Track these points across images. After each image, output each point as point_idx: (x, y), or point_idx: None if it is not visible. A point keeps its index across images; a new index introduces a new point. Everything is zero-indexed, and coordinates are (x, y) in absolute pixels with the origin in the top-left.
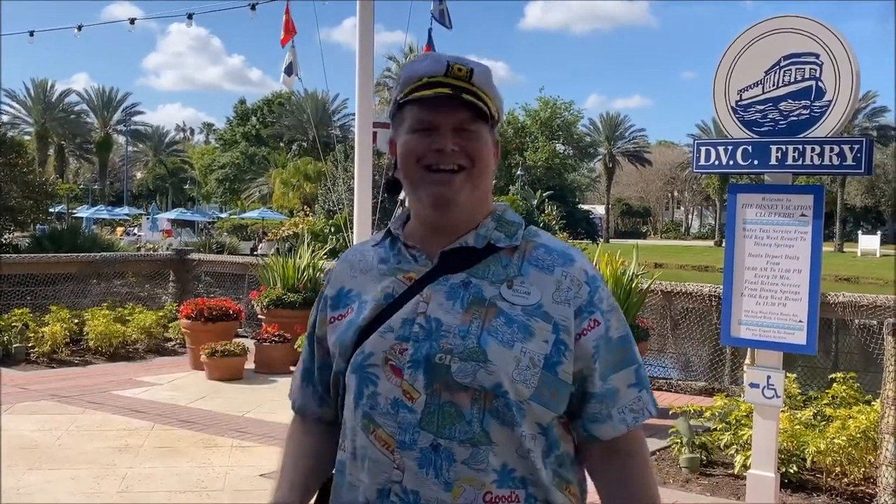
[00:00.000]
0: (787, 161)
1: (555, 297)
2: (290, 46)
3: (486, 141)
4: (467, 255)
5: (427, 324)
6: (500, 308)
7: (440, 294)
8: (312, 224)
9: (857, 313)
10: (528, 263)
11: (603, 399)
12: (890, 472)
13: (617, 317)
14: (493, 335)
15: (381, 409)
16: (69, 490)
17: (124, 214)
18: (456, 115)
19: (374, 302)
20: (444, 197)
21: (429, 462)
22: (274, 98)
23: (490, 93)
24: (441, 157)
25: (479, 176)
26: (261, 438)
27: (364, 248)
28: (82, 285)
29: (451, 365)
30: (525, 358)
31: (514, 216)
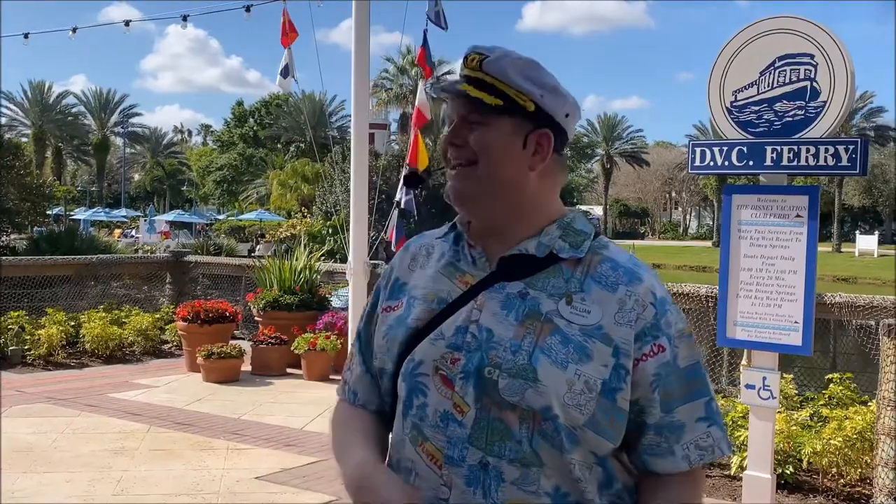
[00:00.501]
0: (783, 162)
1: (617, 319)
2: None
3: (497, 131)
4: (527, 263)
5: (479, 333)
6: (557, 325)
7: (494, 302)
8: (310, 225)
9: (854, 314)
10: (591, 279)
11: (663, 432)
12: (886, 472)
13: (688, 344)
14: (547, 353)
15: (430, 422)
16: (65, 493)
17: (122, 216)
18: (458, 105)
19: (426, 303)
20: (456, 191)
21: (477, 480)
22: (271, 100)
23: (509, 80)
24: (453, 151)
25: (489, 169)
26: (257, 441)
27: (427, 240)
28: (79, 288)
29: (499, 381)
30: (580, 381)
31: (585, 224)
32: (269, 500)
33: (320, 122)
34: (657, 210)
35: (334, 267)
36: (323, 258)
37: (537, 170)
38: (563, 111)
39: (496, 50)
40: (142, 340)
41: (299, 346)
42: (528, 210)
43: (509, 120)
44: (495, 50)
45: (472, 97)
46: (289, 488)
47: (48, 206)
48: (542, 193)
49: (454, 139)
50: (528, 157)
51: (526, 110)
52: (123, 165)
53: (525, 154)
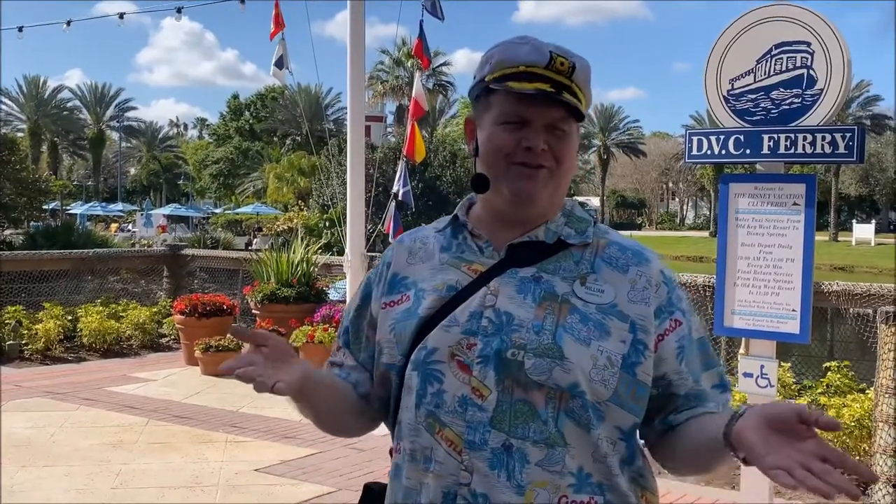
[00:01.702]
0: (780, 150)
1: (630, 297)
2: (280, 39)
3: (575, 141)
4: (536, 250)
5: (497, 318)
6: (574, 305)
7: (510, 287)
8: (307, 219)
9: (851, 302)
10: (601, 261)
11: (691, 401)
12: (885, 460)
13: (695, 317)
14: (570, 332)
15: (448, 408)
16: (63, 487)
17: (118, 211)
18: (551, 112)
19: (436, 293)
20: (527, 192)
21: (500, 463)
22: (267, 93)
23: (587, 91)
24: (530, 156)
25: (564, 175)
26: (255, 433)
27: (424, 234)
28: (76, 282)
29: (525, 361)
30: (602, 357)
31: (583, 213)
32: (268, 491)
33: (316, 115)
34: (654, 201)
35: (331, 260)
36: (320, 251)
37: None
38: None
39: (579, 57)
40: (139, 334)
41: (297, 338)
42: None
43: (576, 126)
44: (578, 58)
45: (565, 103)
46: (287, 480)
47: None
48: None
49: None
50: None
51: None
52: (119, 160)
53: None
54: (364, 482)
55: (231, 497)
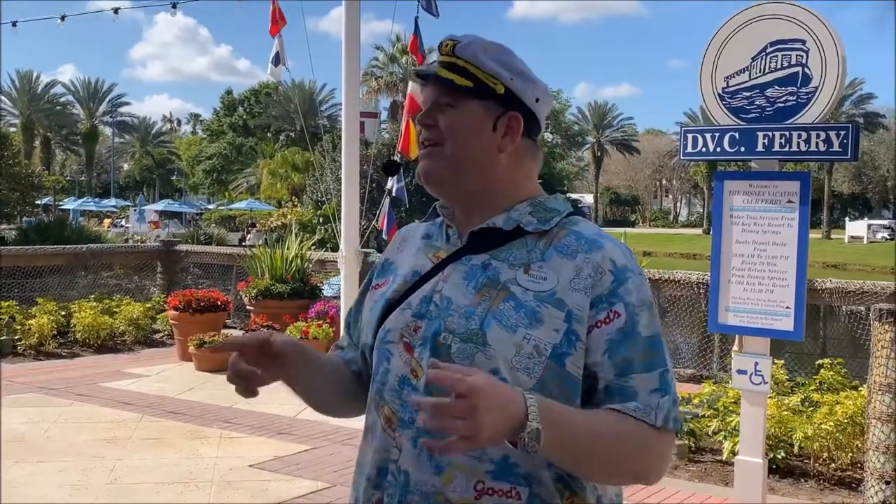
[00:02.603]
0: (774, 147)
1: (572, 285)
2: (279, 36)
3: (467, 114)
4: (494, 237)
5: (440, 302)
6: (512, 292)
7: (458, 273)
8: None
9: (844, 299)
10: (554, 249)
11: (614, 396)
12: (877, 456)
13: (649, 314)
14: (498, 319)
15: (390, 386)
16: (57, 482)
17: (111, 206)
18: (432, 90)
19: (403, 278)
20: (425, 171)
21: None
22: (261, 88)
23: (480, 63)
24: (424, 133)
25: (460, 150)
26: (249, 429)
27: (420, 226)
28: (69, 277)
29: (452, 345)
30: (528, 345)
31: (559, 204)
32: (263, 487)
33: (310, 111)
34: (648, 198)
35: (325, 256)
36: (314, 247)
37: (506, 151)
38: (534, 95)
39: (468, 36)
40: (133, 330)
41: (291, 334)
42: (498, 191)
43: (479, 103)
44: (467, 36)
45: (443, 79)
46: (282, 476)
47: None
48: (512, 175)
49: (425, 120)
50: (498, 139)
51: (496, 93)
52: (112, 155)
53: (494, 136)
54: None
55: (225, 493)
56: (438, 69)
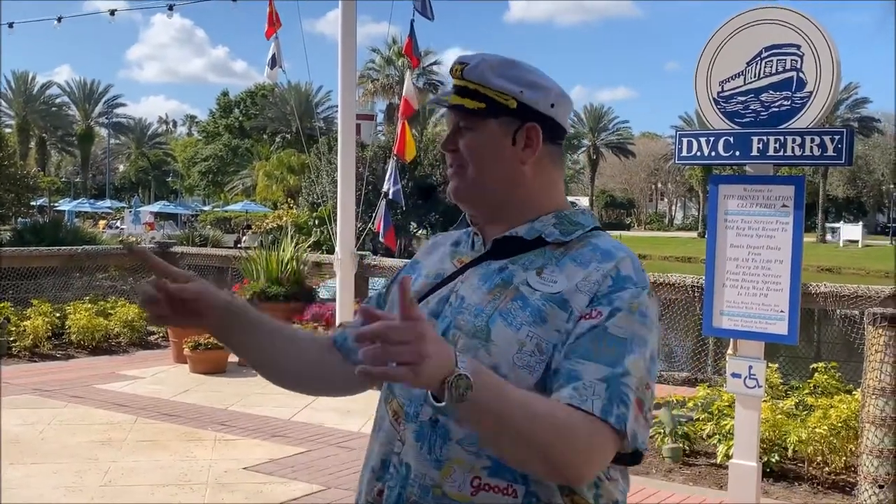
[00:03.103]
0: (769, 152)
1: (579, 287)
2: (275, 39)
3: (484, 134)
4: (516, 245)
5: (455, 301)
6: (522, 292)
7: (475, 276)
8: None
9: (838, 303)
10: (569, 258)
11: (560, 377)
12: (871, 460)
13: (627, 317)
14: (504, 317)
15: None
16: (52, 484)
17: (107, 207)
18: (452, 115)
19: (426, 279)
20: (454, 189)
21: (424, 436)
22: (257, 90)
23: (489, 83)
24: (449, 157)
25: (480, 170)
26: (244, 432)
27: (453, 233)
28: (64, 279)
29: (458, 341)
30: (531, 343)
31: (586, 219)
32: (257, 490)
33: (306, 113)
34: (643, 201)
35: (321, 258)
36: (310, 249)
37: (528, 163)
38: (548, 102)
39: (475, 56)
40: (128, 332)
41: None
42: (525, 201)
43: (495, 121)
44: (475, 57)
45: (455, 105)
46: (276, 478)
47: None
48: (538, 186)
49: (448, 146)
50: (519, 151)
51: (509, 108)
52: (108, 156)
53: (515, 150)
54: (353, 481)
55: (220, 495)
56: (452, 97)
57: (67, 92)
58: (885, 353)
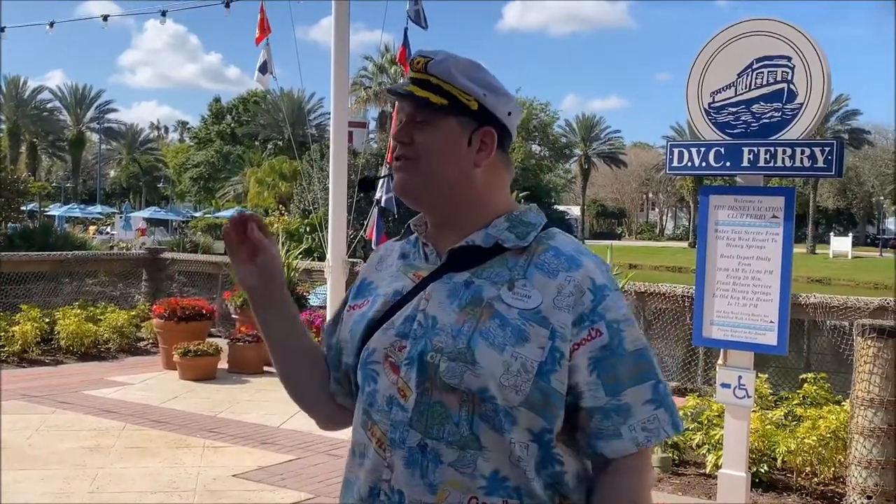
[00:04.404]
0: (759, 163)
1: (556, 303)
2: (265, 45)
3: (440, 130)
4: (475, 254)
5: (425, 321)
6: (497, 310)
7: (441, 292)
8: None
9: (828, 314)
10: (534, 266)
11: (611, 415)
12: (859, 471)
13: (631, 328)
14: (485, 337)
15: (378, 406)
16: (39, 490)
17: (97, 213)
18: (406, 106)
19: (385, 298)
20: (401, 184)
21: (415, 462)
22: (249, 96)
23: (454, 81)
24: (400, 148)
25: (433, 165)
26: (233, 439)
27: (395, 244)
28: (54, 284)
29: (440, 364)
30: (516, 363)
31: (535, 217)
32: (246, 498)
33: (298, 120)
34: (634, 211)
35: (312, 265)
36: (300, 256)
37: (482, 166)
38: (506, 110)
39: (440, 53)
40: (117, 338)
41: None
42: (476, 205)
43: (454, 119)
44: (439, 53)
45: (418, 97)
46: (266, 486)
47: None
48: (488, 189)
49: (402, 137)
50: (473, 154)
51: (470, 109)
52: (99, 161)
53: (470, 151)
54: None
55: (208, 503)
56: (413, 87)
57: (59, 97)
58: (875, 364)
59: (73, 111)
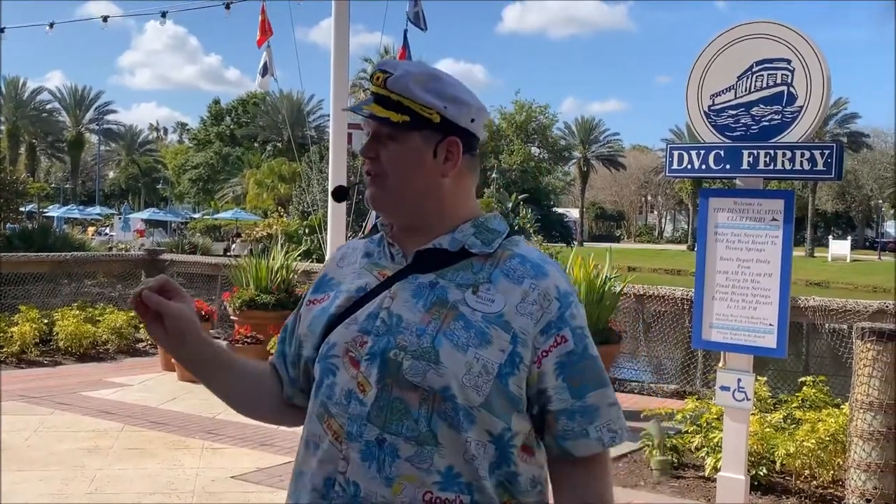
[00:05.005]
0: (759, 166)
1: (519, 309)
2: (266, 47)
3: (404, 145)
4: (440, 257)
5: (389, 319)
6: (461, 312)
7: (406, 291)
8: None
9: (827, 317)
10: (500, 272)
11: (576, 416)
12: (858, 474)
13: (588, 335)
14: (449, 337)
15: (336, 400)
16: (38, 491)
17: (96, 214)
18: (370, 123)
19: (347, 294)
20: (371, 197)
21: (372, 455)
22: (248, 98)
23: (413, 96)
24: (368, 164)
25: (399, 180)
26: (232, 440)
27: (357, 242)
28: (52, 285)
29: (403, 362)
30: (478, 364)
31: (499, 224)
32: (245, 499)
33: (298, 122)
34: (633, 213)
35: (311, 267)
36: (299, 258)
37: (450, 175)
38: (468, 117)
39: (399, 67)
40: (116, 339)
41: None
42: (443, 212)
43: (418, 134)
44: (398, 67)
45: (381, 116)
46: (264, 488)
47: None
48: (456, 195)
49: (369, 153)
50: (440, 164)
51: (432, 122)
52: (98, 163)
53: (436, 163)
54: None
55: None
56: (374, 107)
57: (58, 98)
58: (874, 367)
59: (72, 112)
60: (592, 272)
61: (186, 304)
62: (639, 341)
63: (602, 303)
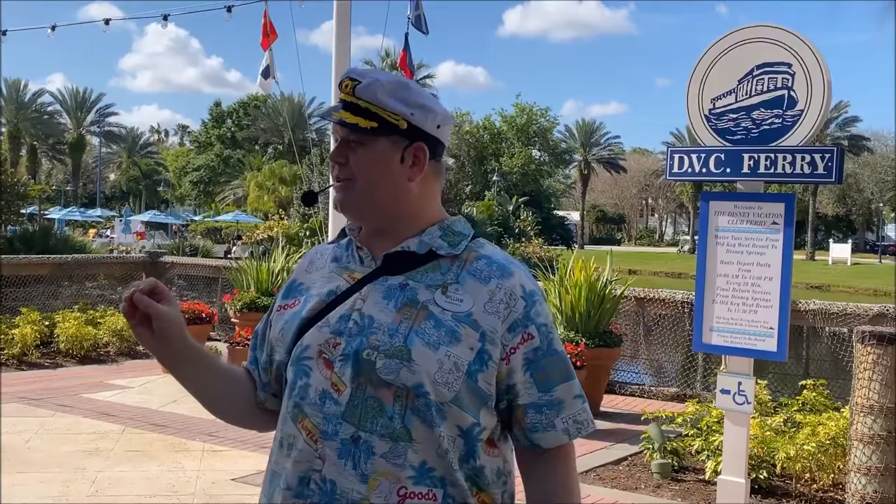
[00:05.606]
0: (760, 169)
1: (486, 308)
2: (269, 49)
3: (372, 151)
4: (409, 260)
5: (361, 320)
6: (432, 312)
7: (377, 293)
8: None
9: (827, 321)
10: (467, 273)
11: (543, 409)
12: (858, 478)
13: (555, 331)
14: (420, 336)
15: (310, 400)
16: (38, 494)
17: (97, 216)
18: (339, 129)
19: (318, 297)
20: (340, 202)
21: (348, 453)
22: (249, 100)
23: (381, 103)
24: (336, 169)
25: (369, 185)
26: (233, 443)
27: (325, 247)
28: (53, 287)
29: (377, 361)
30: (449, 361)
31: (464, 227)
32: (245, 501)
33: (299, 124)
34: (634, 216)
35: None
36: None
37: (416, 180)
38: (435, 124)
39: (368, 75)
40: (117, 341)
41: None
42: (410, 215)
43: (385, 139)
44: (367, 75)
45: (349, 122)
46: None
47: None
48: (422, 199)
49: (338, 158)
50: (407, 169)
51: (399, 129)
52: (99, 165)
53: (403, 168)
54: None
55: None
56: (343, 113)
57: (60, 100)
58: (874, 370)
59: (73, 115)
60: (593, 275)
61: (173, 307)
62: (639, 344)
63: (603, 306)
